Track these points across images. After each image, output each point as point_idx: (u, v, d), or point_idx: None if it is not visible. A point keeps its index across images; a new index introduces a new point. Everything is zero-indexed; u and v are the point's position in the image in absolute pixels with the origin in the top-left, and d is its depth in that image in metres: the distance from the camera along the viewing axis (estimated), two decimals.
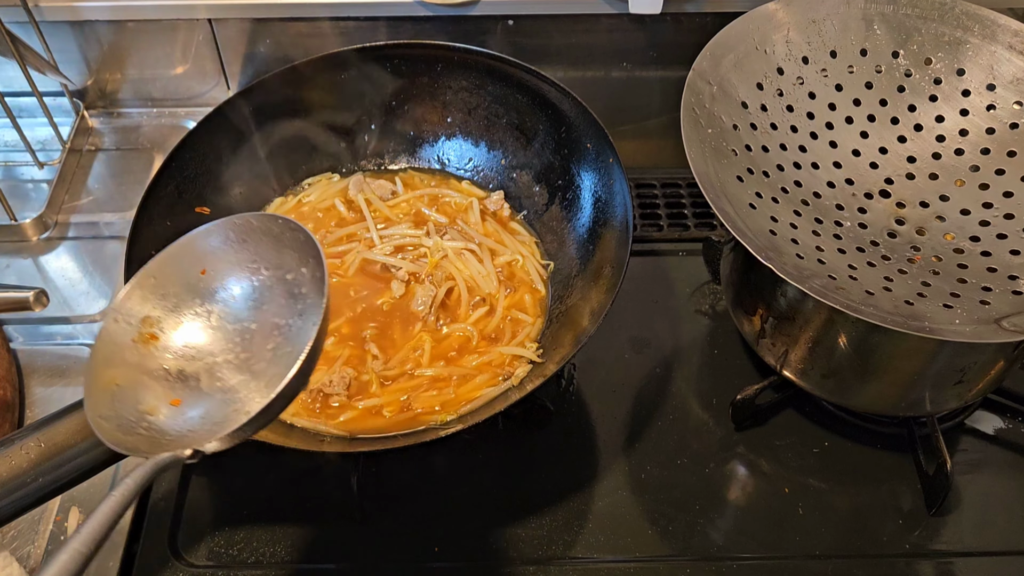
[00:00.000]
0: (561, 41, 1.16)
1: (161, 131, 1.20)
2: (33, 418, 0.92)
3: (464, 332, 0.93)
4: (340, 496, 0.87)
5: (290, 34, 1.15)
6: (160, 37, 1.16)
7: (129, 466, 0.86)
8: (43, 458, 0.71)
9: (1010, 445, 0.93)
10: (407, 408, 0.87)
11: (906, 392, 0.85)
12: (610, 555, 0.85)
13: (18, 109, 1.14)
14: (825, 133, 0.89)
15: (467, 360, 0.91)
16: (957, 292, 0.77)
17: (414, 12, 1.12)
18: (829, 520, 0.87)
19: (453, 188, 1.05)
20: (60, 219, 1.10)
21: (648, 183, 1.16)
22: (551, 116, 0.99)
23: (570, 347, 0.85)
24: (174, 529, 0.86)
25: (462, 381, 0.89)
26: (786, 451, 0.92)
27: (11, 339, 0.98)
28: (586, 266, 0.94)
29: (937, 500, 0.87)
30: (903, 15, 0.92)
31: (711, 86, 0.86)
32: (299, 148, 1.04)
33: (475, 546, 0.85)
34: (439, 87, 1.04)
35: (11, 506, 0.70)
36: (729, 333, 1.01)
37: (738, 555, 0.85)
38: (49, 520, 0.85)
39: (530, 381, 0.87)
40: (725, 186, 0.80)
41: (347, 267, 0.97)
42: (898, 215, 0.86)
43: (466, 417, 0.86)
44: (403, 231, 1.00)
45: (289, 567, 0.84)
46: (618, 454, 0.92)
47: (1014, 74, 0.89)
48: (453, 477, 0.90)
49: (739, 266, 0.92)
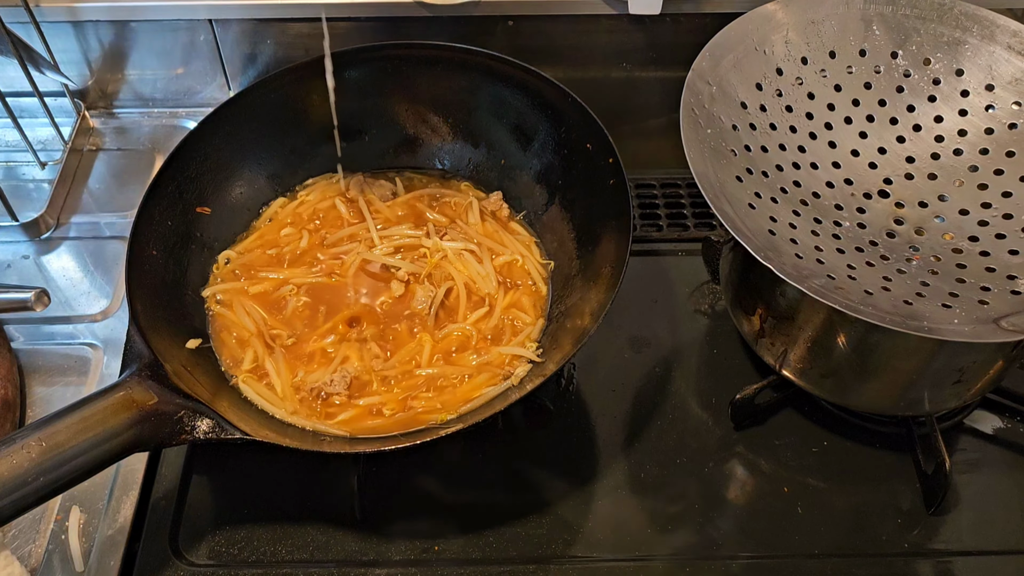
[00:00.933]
0: (561, 42, 1.16)
1: (162, 131, 1.21)
2: (34, 418, 0.92)
3: (463, 332, 0.93)
4: (340, 496, 0.87)
5: (290, 34, 1.15)
6: (161, 37, 1.16)
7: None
8: (44, 457, 0.71)
9: (1009, 444, 0.93)
10: (407, 407, 0.87)
11: (905, 391, 0.85)
12: (609, 554, 0.85)
13: (19, 109, 1.14)
14: (824, 133, 0.89)
15: (467, 359, 0.91)
16: (956, 292, 0.77)
17: (414, 12, 1.12)
18: (828, 519, 0.88)
19: (453, 188, 1.05)
20: (61, 219, 1.10)
21: (648, 183, 1.16)
22: (551, 116, 0.99)
23: (570, 347, 0.86)
24: (175, 528, 0.86)
25: (462, 380, 0.89)
26: (785, 450, 0.92)
27: (12, 339, 0.98)
28: (586, 266, 0.94)
29: (936, 499, 0.87)
30: (902, 16, 0.92)
31: (710, 86, 0.86)
32: (299, 148, 1.05)
33: (475, 545, 0.86)
34: (439, 88, 1.04)
35: (12, 505, 0.71)
36: (728, 333, 1.01)
37: (737, 554, 0.85)
38: (50, 519, 0.85)
39: (530, 381, 0.87)
40: (724, 186, 0.80)
41: (347, 267, 0.97)
42: (897, 215, 0.86)
43: (466, 417, 0.86)
44: (403, 231, 1.00)
45: (290, 566, 0.84)
46: (618, 453, 0.92)
47: (1013, 74, 0.89)
48: (453, 477, 0.90)
49: (738, 266, 0.92)
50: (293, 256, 0.99)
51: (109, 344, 0.98)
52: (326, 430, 0.86)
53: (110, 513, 0.85)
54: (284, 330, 0.93)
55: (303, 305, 0.95)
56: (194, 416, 0.78)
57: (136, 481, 0.87)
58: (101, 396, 0.76)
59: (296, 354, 0.91)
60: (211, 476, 0.90)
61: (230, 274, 0.97)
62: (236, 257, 0.98)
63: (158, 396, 0.78)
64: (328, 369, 0.90)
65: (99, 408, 0.75)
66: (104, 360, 0.96)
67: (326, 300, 0.95)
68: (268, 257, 0.99)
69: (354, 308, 0.95)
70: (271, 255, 0.99)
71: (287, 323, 0.94)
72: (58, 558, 0.83)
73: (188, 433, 0.77)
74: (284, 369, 0.90)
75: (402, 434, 0.85)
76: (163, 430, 0.77)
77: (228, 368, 0.90)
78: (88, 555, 0.83)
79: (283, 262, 0.99)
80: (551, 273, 0.98)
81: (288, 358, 0.91)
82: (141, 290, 0.87)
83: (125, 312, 0.85)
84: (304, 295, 0.95)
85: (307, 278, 0.97)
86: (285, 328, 0.93)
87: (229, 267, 0.97)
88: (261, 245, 1.00)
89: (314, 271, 0.97)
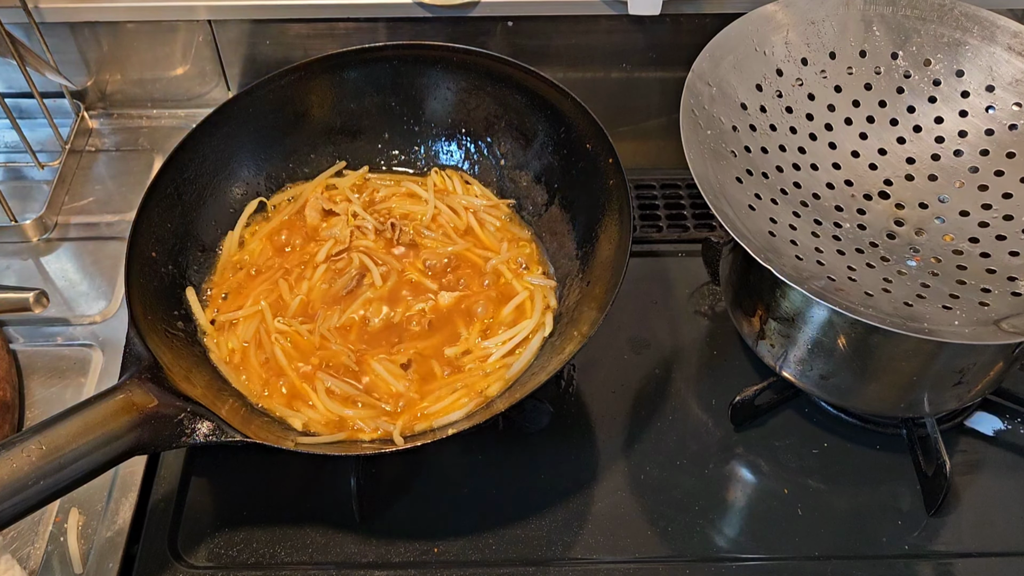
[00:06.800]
0: (561, 42, 1.16)
1: (161, 132, 1.21)
2: (33, 419, 0.92)
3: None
4: (340, 496, 0.87)
5: (290, 35, 1.15)
6: (160, 38, 1.16)
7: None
8: (44, 461, 0.71)
9: (1009, 446, 0.93)
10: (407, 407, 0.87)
11: (905, 393, 0.85)
12: (609, 556, 0.85)
13: (18, 110, 1.14)
14: (824, 134, 0.89)
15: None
16: (956, 293, 0.77)
17: (413, 13, 1.12)
18: (828, 521, 0.88)
19: (469, 193, 1.05)
20: (60, 220, 1.10)
21: (647, 184, 1.16)
22: (551, 117, 0.99)
23: (570, 347, 0.85)
24: (174, 530, 0.86)
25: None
26: (785, 452, 0.92)
27: (11, 340, 0.98)
28: (586, 267, 0.94)
29: (936, 501, 0.87)
30: (902, 16, 0.92)
31: (710, 87, 0.86)
32: (299, 149, 1.04)
33: (475, 546, 0.86)
34: (439, 88, 1.04)
35: (12, 509, 0.70)
36: (728, 334, 1.01)
37: (737, 556, 0.85)
38: (49, 521, 0.85)
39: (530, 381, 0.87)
40: (724, 187, 0.80)
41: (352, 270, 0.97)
42: (897, 216, 0.86)
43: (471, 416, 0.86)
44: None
45: (289, 568, 0.84)
46: (617, 455, 0.92)
47: (1013, 75, 0.89)
48: (453, 477, 0.90)
49: (738, 267, 0.92)
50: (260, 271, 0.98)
51: (108, 345, 0.98)
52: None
53: (109, 515, 0.85)
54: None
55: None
56: (194, 419, 0.78)
57: (135, 483, 0.87)
58: (101, 399, 0.76)
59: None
60: (210, 478, 0.90)
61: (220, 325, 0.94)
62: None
63: (158, 399, 0.78)
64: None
65: (99, 411, 0.75)
66: (103, 361, 0.96)
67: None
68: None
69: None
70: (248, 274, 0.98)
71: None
72: (57, 560, 0.83)
73: (188, 436, 0.77)
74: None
75: (403, 436, 0.85)
76: (163, 433, 0.77)
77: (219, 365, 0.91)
78: (87, 557, 0.83)
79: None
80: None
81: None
82: (140, 292, 0.87)
83: (124, 313, 0.85)
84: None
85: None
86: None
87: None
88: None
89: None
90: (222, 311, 0.94)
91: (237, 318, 0.93)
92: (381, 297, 0.94)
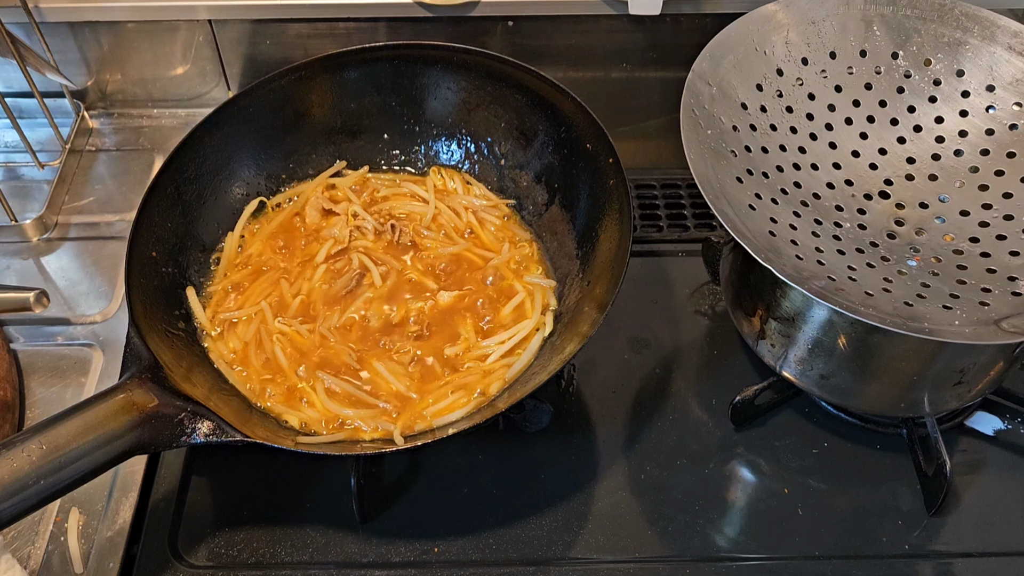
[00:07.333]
0: (561, 42, 1.16)
1: (161, 132, 1.20)
2: (33, 419, 0.92)
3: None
4: (340, 496, 0.87)
5: (290, 35, 1.15)
6: (160, 38, 1.16)
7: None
8: (44, 460, 0.71)
9: (1009, 446, 0.93)
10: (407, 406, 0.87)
11: (905, 393, 0.85)
12: (610, 555, 0.85)
13: (18, 110, 1.14)
14: (824, 134, 0.89)
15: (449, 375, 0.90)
16: (956, 293, 0.77)
17: (413, 13, 1.12)
18: (829, 521, 0.88)
19: (469, 193, 1.05)
20: (60, 220, 1.10)
21: (648, 184, 1.16)
22: (551, 116, 0.99)
23: (570, 347, 0.85)
24: (174, 530, 0.86)
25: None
26: (785, 452, 0.92)
27: (11, 340, 0.98)
28: (586, 266, 0.94)
29: (936, 501, 0.87)
30: (902, 16, 0.92)
31: (711, 87, 0.86)
32: (299, 149, 1.04)
33: (475, 546, 0.86)
34: (439, 88, 1.04)
35: (12, 508, 0.70)
36: (728, 334, 1.01)
37: (737, 556, 0.85)
38: (49, 521, 0.85)
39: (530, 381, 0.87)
40: (724, 187, 0.80)
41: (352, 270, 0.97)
42: (897, 216, 0.86)
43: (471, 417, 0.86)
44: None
45: (289, 568, 0.84)
46: (618, 454, 0.92)
47: (1013, 75, 0.89)
48: (453, 477, 0.90)
49: (738, 267, 0.92)
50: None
51: (109, 345, 0.98)
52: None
53: (109, 515, 0.85)
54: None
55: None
56: (194, 419, 0.78)
57: (135, 483, 0.87)
58: (101, 399, 0.76)
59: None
60: (210, 478, 0.90)
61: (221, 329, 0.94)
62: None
63: (158, 398, 0.78)
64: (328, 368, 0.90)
65: (99, 411, 0.75)
66: (104, 361, 0.96)
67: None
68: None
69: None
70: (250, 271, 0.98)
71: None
72: (57, 560, 0.83)
73: (188, 436, 0.77)
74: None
75: (403, 435, 0.85)
76: (164, 433, 0.77)
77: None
78: (87, 557, 0.83)
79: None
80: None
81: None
82: (141, 292, 0.87)
83: (125, 313, 0.85)
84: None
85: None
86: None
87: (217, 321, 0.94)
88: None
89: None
90: (222, 311, 0.94)
91: (237, 318, 0.93)
92: (381, 297, 0.94)
